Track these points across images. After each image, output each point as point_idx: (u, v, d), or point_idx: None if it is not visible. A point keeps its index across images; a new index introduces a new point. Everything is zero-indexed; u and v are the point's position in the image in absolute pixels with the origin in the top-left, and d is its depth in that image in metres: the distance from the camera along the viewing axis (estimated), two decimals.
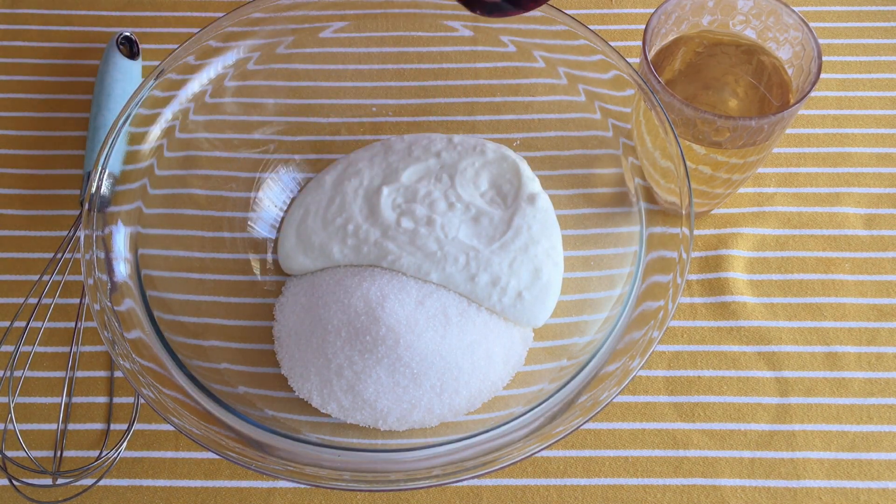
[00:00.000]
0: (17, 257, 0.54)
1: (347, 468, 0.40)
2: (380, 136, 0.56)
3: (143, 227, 0.46)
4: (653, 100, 0.45)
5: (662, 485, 0.47)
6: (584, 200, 0.53)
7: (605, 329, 0.44)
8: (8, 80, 0.60)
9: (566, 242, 0.51)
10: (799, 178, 0.56)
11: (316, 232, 0.51)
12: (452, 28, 0.54)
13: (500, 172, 0.53)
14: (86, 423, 0.49)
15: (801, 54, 0.47)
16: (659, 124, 0.45)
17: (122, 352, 0.41)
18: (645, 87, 0.46)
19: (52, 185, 0.56)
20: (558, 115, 0.53)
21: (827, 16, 0.63)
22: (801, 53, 0.47)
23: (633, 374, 0.40)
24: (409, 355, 0.46)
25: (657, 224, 0.45)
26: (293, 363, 0.48)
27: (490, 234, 0.50)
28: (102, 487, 0.47)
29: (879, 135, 0.58)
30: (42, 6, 0.64)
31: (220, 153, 0.53)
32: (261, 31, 0.51)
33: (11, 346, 0.50)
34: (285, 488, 0.47)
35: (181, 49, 0.48)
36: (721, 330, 0.51)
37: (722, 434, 0.48)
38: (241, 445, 0.40)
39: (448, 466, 0.39)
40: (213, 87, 0.50)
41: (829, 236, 0.54)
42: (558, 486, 0.47)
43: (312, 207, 0.52)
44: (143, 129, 0.47)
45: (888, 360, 0.50)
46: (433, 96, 0.57)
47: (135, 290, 0.44)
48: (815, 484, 0.47)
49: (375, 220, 0.51)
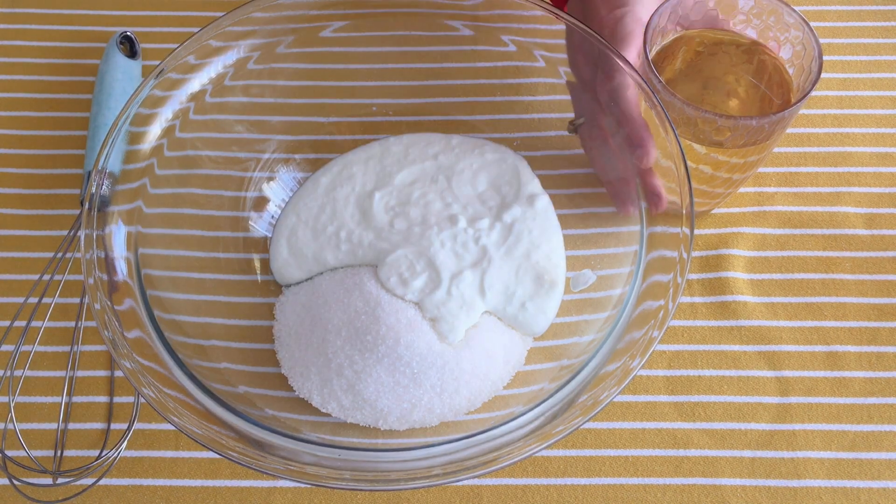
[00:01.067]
0: (17, 257, 0.54)
1: (348, 468, 0.40)
2: (380, 135, 0.56)
3: (143, 227, 0.46)
4: (653, 99, 0.45)
5: (663, 484, 0.47)
6: (585, 200, 0.53)
7: (605, 329, 0.44)
8: (8, 80, 0.60)
9: (567, 242, 0.51)
10: (799, 178, 0.56)
11: (307, 244, 0.51)
12: (452, 28, 0.53)
13: (500, 173, 0.52)
14: (86, 423, 0.49)
15: (802, 54, 0.47)
16: (659, 124, 0.45)
17: (122, 351, 0.41)
18: (645, 86, 0.46)
19: (52, 184, 0.56)
20: (559, 114, 0.53)
21: (827, 15, 0.63)
22: (802, 53, 0.47)
23: (633, 373, 0.40)
24: (410, 355, 0.46)
25: (657, 224, 0.45)
26: (293, 362, 0.48)
27: (490, 239, 0.50)
28: (102, 487, 0.47)
29: (879, 134, 0.58)
30: (42, 6, 0.64)
31: (220, 153, 0.53)
32: (261, 31, 0.51)
33: (12, 346, 0.50)
34: (285, 488, 0.47)
35: (181, 49, 0.48)
36: (721, 329, 0.51)
37: (722, 434, 0.48)
38: (241, 445, 0.40)
39: (448, 466, 0.39)
40: (213, 87, 0.50)
41: (830, 236, 0.54)
42: (558, 486, 0.47)
43: (303, 216, 0.52)
44: (143, 129, 0.47)
45: (888, 359, 0.50)
46: (433, 96, 0.57)
47: (135, 289, 0.44)
48: (815, 483, 0.47)
49: (368, 224, 0.51)
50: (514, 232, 0.50)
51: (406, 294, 0.48)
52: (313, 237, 0.51)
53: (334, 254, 0.51)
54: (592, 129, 0.50)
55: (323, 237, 0.51)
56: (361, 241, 0.50)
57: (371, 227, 0.51)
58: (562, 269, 0.50)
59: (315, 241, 0.51)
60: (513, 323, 0.49)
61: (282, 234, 0.52)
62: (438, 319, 0.47)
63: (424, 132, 0.55)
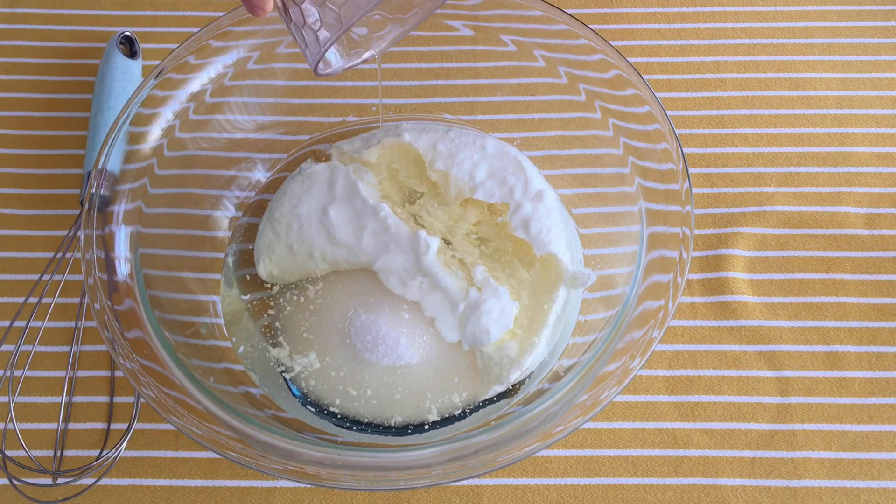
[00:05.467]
0: (18, 257, 0.54)
1: (347, 467, 0.40)
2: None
3: (143, 227, 0.46)
4: (658, 103, 0.45)
5: (662, 484, 0.47)
6: (585, 200, 0.53)
7: (605, 328, 0.44)
8: (8, 80, 0.60)
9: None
10: (799, 178, 0.56)
11: (287, 261, 0.50)
12: (453, 27, 0.54)
13: (502, 165, 0.52)
14: (86, 423, 0.49)
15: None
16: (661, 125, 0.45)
17: (122, 351, 0.41)
18: (646, 84, 0.46)
19: (52, 184, 0.56)
20: (559, 114, 0.53)
21: (827, 15, 0.63)
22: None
23: (633, 373, 0.40)
24: (410, 354, 0.46)
25: (657, 223, 0.45)
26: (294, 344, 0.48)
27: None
28: (102, 487, 0.47)
29: (879, 134, 0.58)
30: (42, 6, 0.64)
31: (221, 153, 0.53)
32: (261, 31, 0.51)
33: (12, 346, 0.50)
34: (285, 487, 0.47)
35: (181, 49, 0.48)
36: (721, 329, 0.51)
37: (722, 434, 0.48)
38: (241, 444, 0.40)
39: (448, 466, 0.39)
40: (213, 87, 0.50)
41: (830, 236, 0.54)
42: (558, 486, 0.47)
43: (278, 231, 0.51)
44: (143, 129, 0.47)
45: (888, 359, 0.50)
46: (433, 96, 0.57)
47: (135, 289, 0.44)
48: (815, 483, 0.47)
49: (336, 243, 0.49)
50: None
51: (406, 294, 0.48)
52: (291, 256, 0.50)
53: (320, 264, 0.50)
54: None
55: (300, 256, 0.50)
56: (336, 259, 0.49)
57: (340, 244, 0.49)
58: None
59: (293, 258, 0.50)
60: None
61: (262, 250, 0.51)
62: (438, 319, 0.47)
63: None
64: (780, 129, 0.58)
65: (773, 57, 0.61)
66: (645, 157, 0.47)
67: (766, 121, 0.58)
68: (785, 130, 0.58)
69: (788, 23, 0.62)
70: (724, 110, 0.59)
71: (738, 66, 0.60)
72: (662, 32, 0.62)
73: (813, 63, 0.61)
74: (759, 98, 0.59)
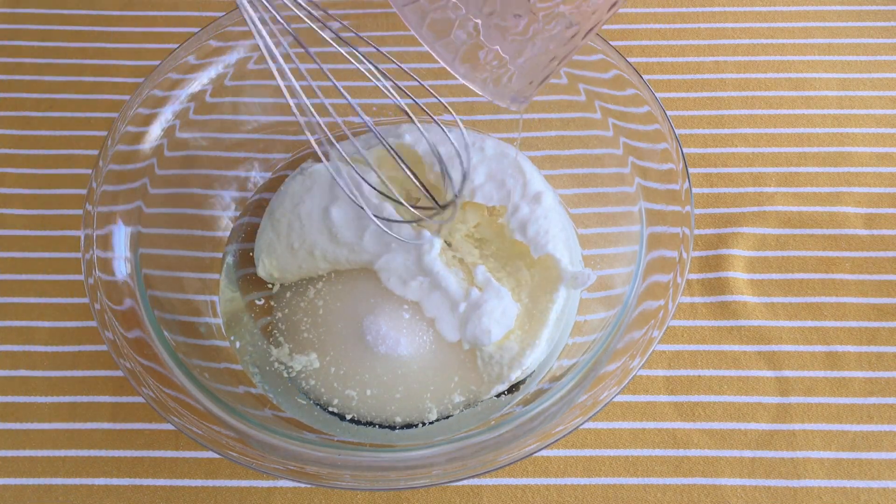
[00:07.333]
0: (18, 257, 0.54)
1: (347, 467, 0.40)
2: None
3: (143, 227, 0.46)
4: (657, 102, 0.45)
5: (662, 484, 0.47)
6: (585, 200, 0.53)
7: (605, 328, 0.44)
8: (8, 80, 0.60)
9: None
10: (799, 178, 0.56)
11: (287, 260, 0.50)
12: None
13: (501, 167, 0.52)
14: (86, 423, 0.49)
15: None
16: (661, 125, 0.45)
17: (122, 351, 0.41)
18: (645, 84, 0.46)
19: (52, 184, 0.56)
20: (559, 114, 0.53)
21: (827, 15, 0.63)
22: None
23: (633, 373, 0.40)
24: (410, 354, 0.46)
25: (657, 224, 0.45)
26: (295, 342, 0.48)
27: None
28: (102, 487, 0.47)
29: (879, 134, 0.58)
30: (42, 6, 0.64)
31: (221, 153, 0.53)
32: None
33: (12, 346, 0.50)
34: (285, 487, 0.47)
35: (181, 49, 0.48)
36: (721, 329, 0.51)
37: (722, 433, 0.48)
38: (241, 445, 0.40)
39: (448, 466, 0.39)
40: (213, 87, 0.50)
41: (829, 236, 0.54)
42: (558, 486, 0.47)
43: (279, 230, 0.50)
44: (143, 129, 0.47)
45: (888, 359, 0.50)
46: (433, 96, 0.57)
47: (135, 289, 0.44)
48: (815, 483, 0.47)
49: (337, 241, 0.49)
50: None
51: (406, 294, 0.48)
52: (291, 254, 0.50)
53: (321, 264, 0.50)
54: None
55: (300, 255, 0.50)
56: (338, 259, 0.49)
57: (342, 244, 0.49)
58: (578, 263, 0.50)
59: (294, 257, 0.50)
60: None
61: (262, 249, 0.51)
62: (438, 319, 0.47)
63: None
64: (780, 129, 0.58)
65: (772, 57, 0.61)
66: (645, 157, 0.47)
67: (766, 121, 0.58)
68: (785, 130, 0.58)
69: (788, 23, 0.62)
70: (724, 110, 0.59)
71: (738, 66, 0.60)
72: (662, 32, 0.62)
73: (813, 63, 0.61)
74: (759, 98, 0.59)
